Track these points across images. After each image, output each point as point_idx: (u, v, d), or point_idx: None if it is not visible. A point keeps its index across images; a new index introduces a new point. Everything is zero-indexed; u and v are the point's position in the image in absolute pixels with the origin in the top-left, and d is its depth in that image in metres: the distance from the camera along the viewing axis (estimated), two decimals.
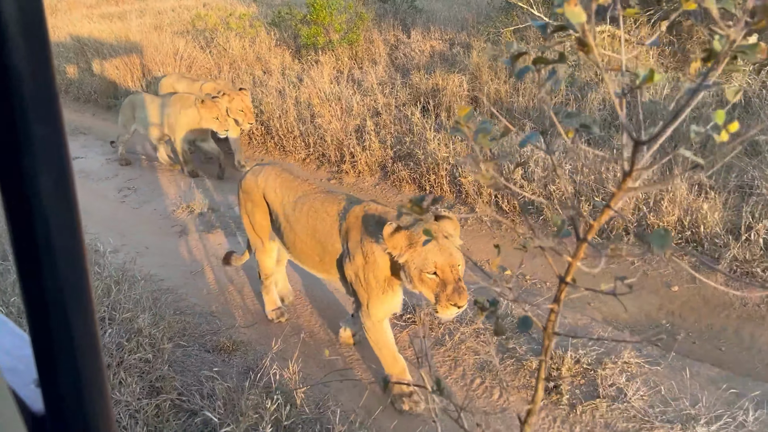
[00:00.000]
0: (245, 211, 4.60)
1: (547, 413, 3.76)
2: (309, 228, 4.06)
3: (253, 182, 4.47)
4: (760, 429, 3.51)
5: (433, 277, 3.36)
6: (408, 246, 3.39)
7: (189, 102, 7.79)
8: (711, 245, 5.11)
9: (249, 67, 11.31)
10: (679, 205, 5.28)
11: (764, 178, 5.11)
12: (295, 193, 4.20)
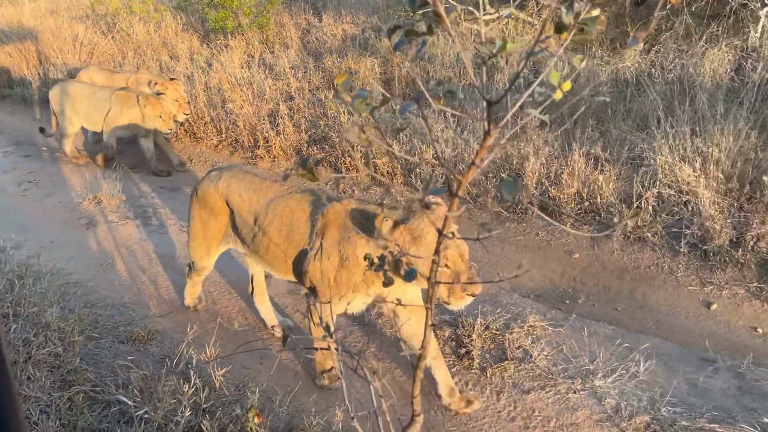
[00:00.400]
0: (198, 219, 4.27)
1: (459, 378, 3.96)
2: (284, 231, 3.76)
3: (211, 189, 4.13)
4: (650, 377, 3.85)
5: (444, 269, 3.17)
6: (411, 240, 3.19)
7: (132, 101, 7.45)
8: (607, 214, 5.48)
9: (155, 52, 10.93)
10: (578, 178, 5.61)
11: (652, 150, 5.52)
12: (266, 195, 3.88)
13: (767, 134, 5.50)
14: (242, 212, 3.99)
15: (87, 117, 7.78)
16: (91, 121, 7.79)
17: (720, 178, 5.14)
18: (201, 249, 4.37)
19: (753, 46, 7.10)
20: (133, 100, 7.44)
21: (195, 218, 4.32)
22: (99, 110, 7.60)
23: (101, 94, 7.67)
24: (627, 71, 7.31)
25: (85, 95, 7.71)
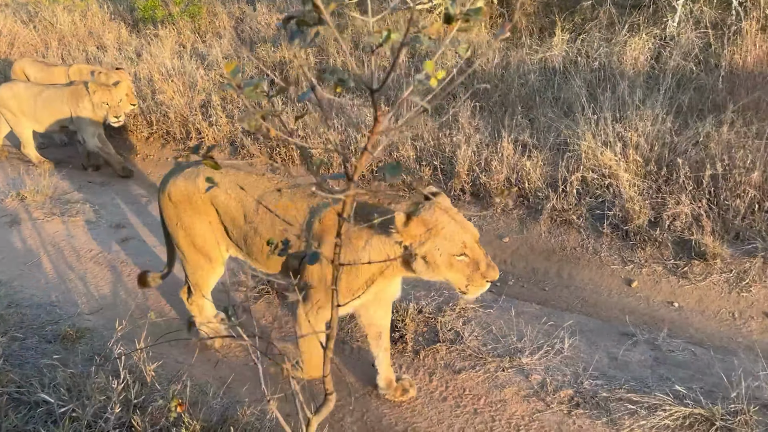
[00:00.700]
0: (180, 226, 3.82)
1: (394, 361, 4.04)
2: (277, 225, 3.51)
3: (190, 187, 3.72)
4: (574, 353, 4.03)
5: (463, 258, 3.03)
6: (427, 232, 3.01)
7: (82, 93, 7.09)
8: (535, 198, 5.67)
9: (81, 42, 10.53)
10: (507, 165, 5.78)
11: (576, 136, 5.73)
12: (255, 190, 3.58)
13: (682, 119, 5.80)
14: (231, 211, 3.67)
15: (35, 118, 7.33)
16: (40, 122, 7.34)
17: (639, 162, 5.40)
18: (199, 262, 3.90)
19: (671, 34, 7.45)
20: (83, 91, 7.10)
21: (177, 229, 3.86)
22: (50, 111, 7.23)
23: (49, 94, 7.26)
24: (555, 60, 7.54)
25: (31, 95, 7.28)
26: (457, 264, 3.03)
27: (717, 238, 4.82)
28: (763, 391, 3.53)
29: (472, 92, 7.24)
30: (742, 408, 3.42)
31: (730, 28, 6.62)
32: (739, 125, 5.45)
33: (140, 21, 10.84)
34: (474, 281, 3.08)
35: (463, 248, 3.02)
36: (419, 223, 2.98)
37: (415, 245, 3.02)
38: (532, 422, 3.54)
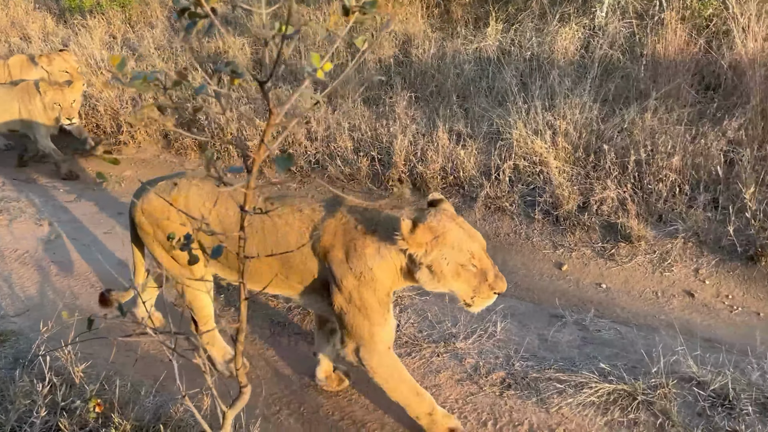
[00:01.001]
0: (156, 243, 3.59)
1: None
2: (268, 244, 3.28)
3: (164, 202, 3.49)
4: (506, 336, 4.15)
5: (471, 268, 2.93)
6: (434, 240, 2.88)
7: (33, 92, 6.62)
8: (470, 186, 5.78)
9: (3, 33, 10.05)
10: (442, 154, 5.86)
11: (508, 125, 5.86)
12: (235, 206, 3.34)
13: (609, 106, 6.01)
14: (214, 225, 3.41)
15: None
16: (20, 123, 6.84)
17: (568, 149, 5.57)
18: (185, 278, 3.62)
19: (599, 24, 7.68)
20: (33, 88, 6.64)
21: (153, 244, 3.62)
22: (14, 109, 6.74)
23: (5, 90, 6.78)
24: (489, 50, 7.67)
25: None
26: (464, 274, 2.94)
27: (641, 221, 5.03)
28: (681, 365, 3.72)
29: (406, 83, 7.30)
30: (661, 382, 3.60)
31: (653, 18, 6.88)
32: (662, 112, 5.69)
33: (67, 10, 10.41)
34: (481, 293, 2.99)
35: (471, 257, 2.92)
36: (426, 231, 2.86)
37: (421, 254, 2.90)
38: (465, 405, 3.63)
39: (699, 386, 3.61)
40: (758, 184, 4.82)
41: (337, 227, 3.13)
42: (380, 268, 3.04)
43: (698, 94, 6.06)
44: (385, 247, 3.01)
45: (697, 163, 5.16)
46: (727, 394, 3.53)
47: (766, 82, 5.49)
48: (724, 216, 4.77)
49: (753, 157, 5.01)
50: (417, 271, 2.98)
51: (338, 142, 6.23)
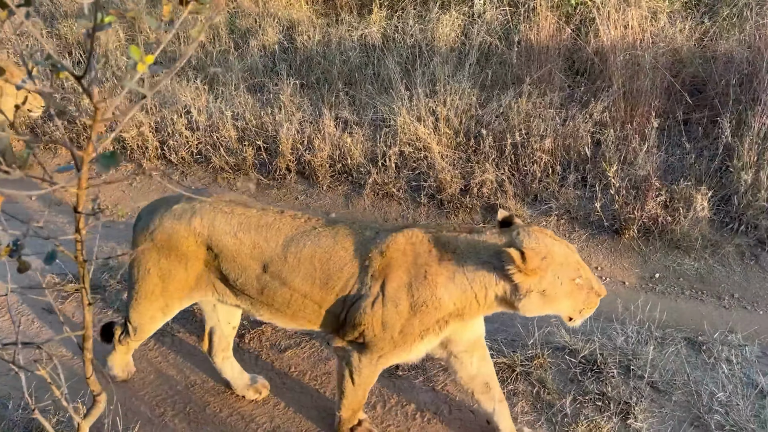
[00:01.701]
0: (156, 272, 3.20)
1: None
2: (318, 278, 2.98)
3: (181, 230, 3.10)
4: None
5: (579, 282, 2.79)
6: (543, 262, 2.72)
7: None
8: (358, 174, 5.82)
9: None
10: (329, 142, 5.85)
11: (392, 113, 5.94)
12: (279, 233, 3.04)
13: (487, 92, 6.24)
14: (240, 258, 3.06)
15: None
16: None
17: (449, 134, 5.74)
18: (154, 308, 3.31)
19: (478, 12, 7.93)
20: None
21: (150, 271, 3.20)
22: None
23: None
24: (374, 36, 7.71)
25: None
26: (575, 289, 2.81)
27: (518, 201, 5.29)
28: (554, 336, 3.97)
29: (292, 69, 7.21)
30: (537, 353, 3.84)
31: (526, 5, 7.20)
32: (535, 96, 5.98)
33: None
34: (589, 303, 2.86)
35: (578, 269, 2.80)
36: (534, 255, 2.69)
37: (534, 281, 2.72)
38: None
39: (571, 354, 3.88)
40: (621, 163, 5.21)
41: (406, 246, 2.89)
42: (450, 297, 2.83)
43: (568, 78, 6.43)
44: (462, 275, 2.81)
45: (567, 145, 5.49)
46: (596, 359, 3.81)
47: (626, 67, 5.91)
48: (592, 193, 5.11)
49: (616, 138, 5.40)
50: (521, 299, 2.79)
51: (221, 131, 6.05)
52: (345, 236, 3.00)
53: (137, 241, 3.24)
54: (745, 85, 5.68)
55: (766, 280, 4.61)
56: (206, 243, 3.09)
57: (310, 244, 2.98)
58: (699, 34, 6.71)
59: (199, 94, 6.47)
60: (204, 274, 3.18)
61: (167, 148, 6.17)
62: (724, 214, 4.98)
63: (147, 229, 3.18)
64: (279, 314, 3.15)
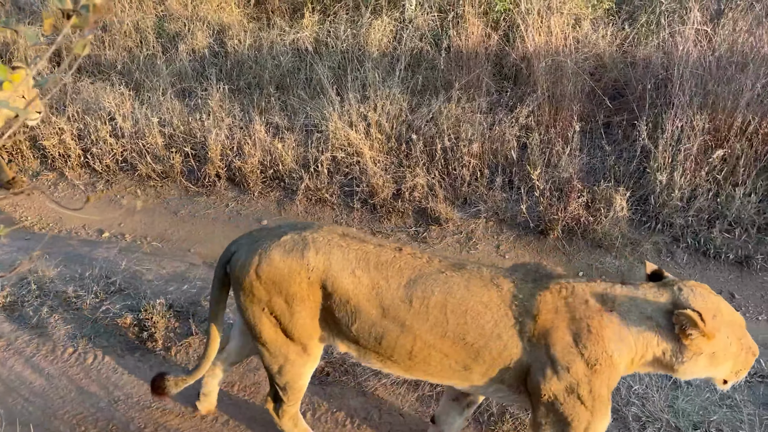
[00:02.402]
0: (267, 313, 2.87)
1: (143, 362, 3.88)
2: (449, 330, 2.68)
3: (293, 265, 2.77)
4: None
5: (745, 341, 2.63)
6: (713, 320, 2.52)
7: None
8: (290, 179, 5.78)
9: None
10: (260, 148, 5.79)
11: (324, 118, 5.94)
12: (402, 273, 2.72)
13: (417, 97, 6.32)
14: (357, 299, 2.74)
15: None
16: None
17: (381, 139, 5.78)
18: (290, 354, 2.94)
19: (409, 17, 8.02)
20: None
21: (264, 315, 2.87)
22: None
23: None
24: (306, 41, 7.69)
25: None
26: (740, 350, 2.62)
27: (449, 204, 5.38)
28: None
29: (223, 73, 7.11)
30: None
31: (456, 12, 7.33)
32: (464, 101, 6.10)
33: None
34: (746, 363, 2.67)
35: (743, 327, 2.64)
36: (707, 315, 2.50)
37: (707, 343, 2.53)
38: None
39: None
40: (545, 166, 5.37)
41: (558, 303, 2.64)
42: (620, 354, 2.60)
43: (496, 84, 6.58)
44: (627, 331, 2.59)
45: (495, 148, 5.62)
46: None
47: (549, 73, 6.10)
48: (519, 195, 5.26)
49: (540, 141, 5.57)
50: (684, 362, 2.59)
51: (148, 138, 5.90)
52: (480, 288, 2.70)
53: (239, 282, 2.88)
54: (660, 89, 5.96)
55: (682, 276, 4.84)
56: (321, 280, 2.77)
57: (439, 291, 2.68)
58: (620, 39, 7.00)
59: (124, 100, 6.29)
60: (317, 314, 2.87)
61: (91, 156, 5.97)
62: (642, 213, 5.21)
63: (250, 265, 2.82)
64: (396, 364, 2.85)
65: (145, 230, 5.47)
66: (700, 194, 5.01)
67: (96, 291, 4.37)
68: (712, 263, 4.88)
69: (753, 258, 4.79)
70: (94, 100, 6.30)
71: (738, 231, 4.91)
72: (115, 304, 4.27)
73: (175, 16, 8.30)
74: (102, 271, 4.56)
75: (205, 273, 4.79)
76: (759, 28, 6.10)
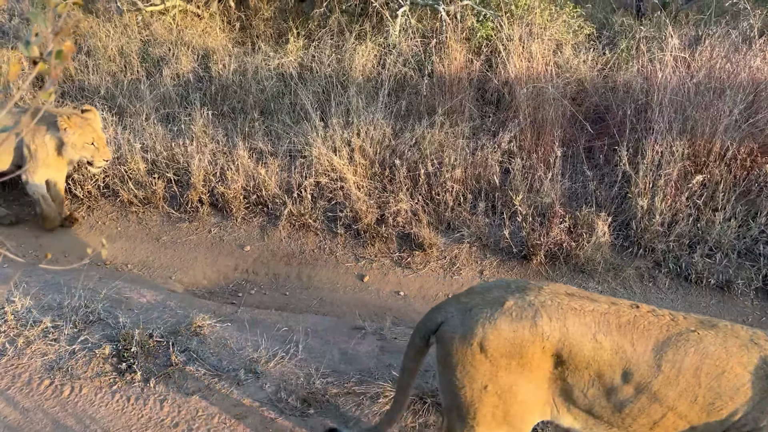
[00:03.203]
0: (489, 390, 2.63)
1: (121, 395, 3.80)
2: (700, 395, 2.47)
3: (525, 335, 2.55)
4: (308, 354, 4.19)
5: None
6: None
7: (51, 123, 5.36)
8: (273, 205, 5.76)
9: None
10: (243, 173, 5.78)
11: (307, 143, 5.95)
12: (648, 335, 2.53)
13: (401, 122, 6.35)
14: (598, 365, 2.52)
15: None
16: None
17: (365, 164, 5.79)
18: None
19: (393, 43, 8.09)
20: (54, 122, 5.38)
21: (487, 390, 2.62)
22: None
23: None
24: (291, 66, 7.72)
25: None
26: None
27: (432, 230, 5.38)
28: None
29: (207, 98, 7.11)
30: None
31: (439, 38, 7.41)
32: (447, 127, 6.13)
33: None
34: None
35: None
36: None
37: None
38: (266, 431, 3.60)
39: None
40: (527, 191, 5.40)
41: None
42: None
43: (479, 109, 6.63)
44: None
45: (478, 174, 5.65)
46: None
47: (531, 98, 6.16)
48: (501, 221, 5.27)
49: (523, 166, 5.60)
50: None
51: (130, 163, 5.86)
52: (738, 346, 2.47)
53: (452, 355, 2.65)
54: (641, 114, 6.03)
55: (664, 300, 4.87)
56: (555, 348, 2.56)
57: (693, 351, 2.45)
58: (601, 65, 7.10)
59: (106, 125, 6.26)
60: (548, 389, 2.65)
61: (72, 182, 5.92)
62: (624, 238, 5.24)
63: (472, 336, 2.60)
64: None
65: (126, 257, 5.42)
66: (681, 219, 5.06)
67: (74, 320, 4.30)
68: (694, 288, 4.91)
69: (734, 283, 4.82)
70: None
71: (719, 256, 4.95)
72: (93, 334, 4.20)
73: (160, 40, 8.32)
74: (81, 300, 4.49)
75: (185, 302, 4.75)
76: (735, 54, 6.22)
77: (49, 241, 5.58)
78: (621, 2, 9.97)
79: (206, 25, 8.77)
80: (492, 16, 7.42)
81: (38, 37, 1.17)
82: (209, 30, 8.67)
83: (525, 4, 7.42)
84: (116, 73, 7.72)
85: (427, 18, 8.40)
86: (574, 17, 7.65)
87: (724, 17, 7.64)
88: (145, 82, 7.40)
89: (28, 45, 1.17)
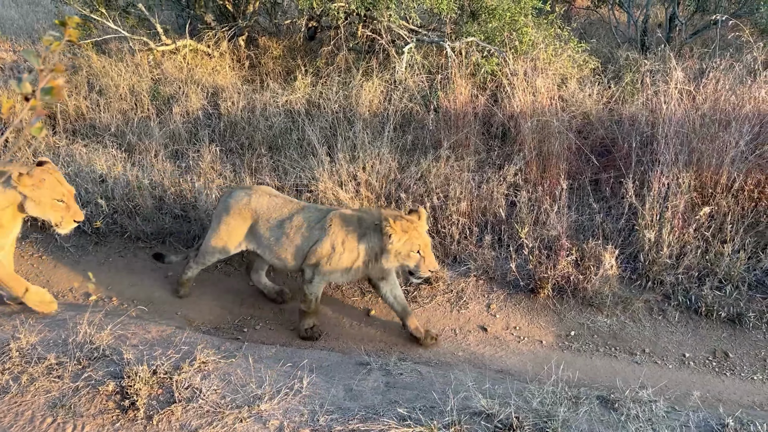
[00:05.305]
0: None
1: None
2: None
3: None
4: (312, 390, 4.13)
5: None
6: None
7: None
8: None
9: None
10: None
11: (314, 177, 5.99)
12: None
13: (407, 156, 6.38)
14: None
15: None
16: None
17: (371, 198, 5.80)
18: None
19: (399, 79, 8.20)
20: None
21: None
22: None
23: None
24: (298, 102, 7.83)
25: None
26: None
27: (439, 263, 5.34)
28: (471, 401, 3.96)
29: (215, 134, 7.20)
30: (454, 420, 3.80)
31: (444, 74, 7.51)
32: (453, 160, 6.16)
33: None
34: None
35: None
36: None
37: None
38: None
39: (487, 419, 3.86)
40: (534, 224, 5.38)
41: None
42: None
43: (484, 143, 6.67)
44: None
45: (484, 207, 5.64)
46: (512, 423, 3.81)
47: (536, 131, 6.19)
48: (508, 254, 5.24)
49: (528, 199, 5.59)
50: None
51: (138, 199, 5.92)
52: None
53: None
54: (647, 146, 6.03)
55: (674, 333, 4.78)
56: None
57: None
58: (606, 98, 7.15)
59: (116, 162, 6.35)
60: None
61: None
62: (632, 270, 5.18)
63: None
64: None
65: (133, 293, 5.42)
66: (689, 251, 5.00)
67: (79, 357, 4.28)
68: (704, 321, 4.82)
69: (745, 315, 4.74)
70: (87, 163, 6.36)
71: (729, 288, 4.87)
72: (97, 371, 4.18)
73: (171, 79, 8.48)
74: (86, 336, 4.48)
75: (190, 338, 4.73)
76: (740, 86, 6.23)
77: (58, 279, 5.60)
78: (625, 37, 10.08)
79: (216, 64, 8.95)
80: (497, 53, 7.51)
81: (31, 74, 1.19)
82: (219, 68, 8.84)
83: (529, 40, 7.52)
84: (127, 111, 7.86)
85: (433, 54, 8.53)
86: (579, 52, 7.73)
87: (728, 50, 7.69)
88: (155, 119, 7.53)
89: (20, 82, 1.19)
